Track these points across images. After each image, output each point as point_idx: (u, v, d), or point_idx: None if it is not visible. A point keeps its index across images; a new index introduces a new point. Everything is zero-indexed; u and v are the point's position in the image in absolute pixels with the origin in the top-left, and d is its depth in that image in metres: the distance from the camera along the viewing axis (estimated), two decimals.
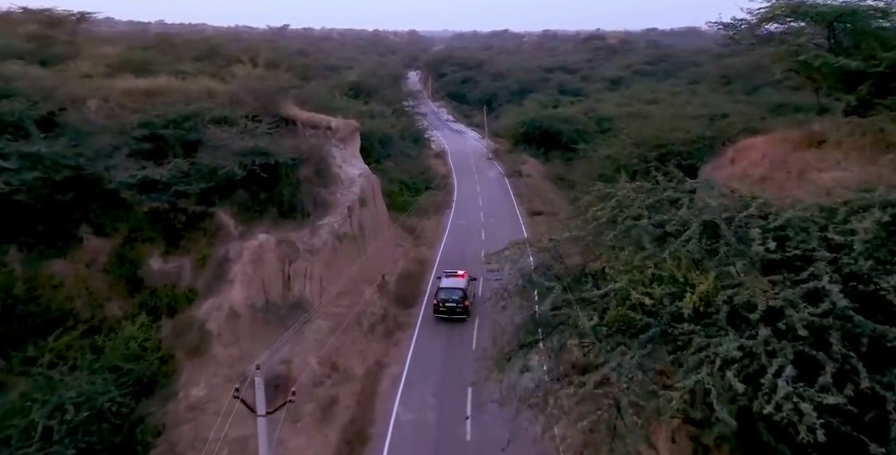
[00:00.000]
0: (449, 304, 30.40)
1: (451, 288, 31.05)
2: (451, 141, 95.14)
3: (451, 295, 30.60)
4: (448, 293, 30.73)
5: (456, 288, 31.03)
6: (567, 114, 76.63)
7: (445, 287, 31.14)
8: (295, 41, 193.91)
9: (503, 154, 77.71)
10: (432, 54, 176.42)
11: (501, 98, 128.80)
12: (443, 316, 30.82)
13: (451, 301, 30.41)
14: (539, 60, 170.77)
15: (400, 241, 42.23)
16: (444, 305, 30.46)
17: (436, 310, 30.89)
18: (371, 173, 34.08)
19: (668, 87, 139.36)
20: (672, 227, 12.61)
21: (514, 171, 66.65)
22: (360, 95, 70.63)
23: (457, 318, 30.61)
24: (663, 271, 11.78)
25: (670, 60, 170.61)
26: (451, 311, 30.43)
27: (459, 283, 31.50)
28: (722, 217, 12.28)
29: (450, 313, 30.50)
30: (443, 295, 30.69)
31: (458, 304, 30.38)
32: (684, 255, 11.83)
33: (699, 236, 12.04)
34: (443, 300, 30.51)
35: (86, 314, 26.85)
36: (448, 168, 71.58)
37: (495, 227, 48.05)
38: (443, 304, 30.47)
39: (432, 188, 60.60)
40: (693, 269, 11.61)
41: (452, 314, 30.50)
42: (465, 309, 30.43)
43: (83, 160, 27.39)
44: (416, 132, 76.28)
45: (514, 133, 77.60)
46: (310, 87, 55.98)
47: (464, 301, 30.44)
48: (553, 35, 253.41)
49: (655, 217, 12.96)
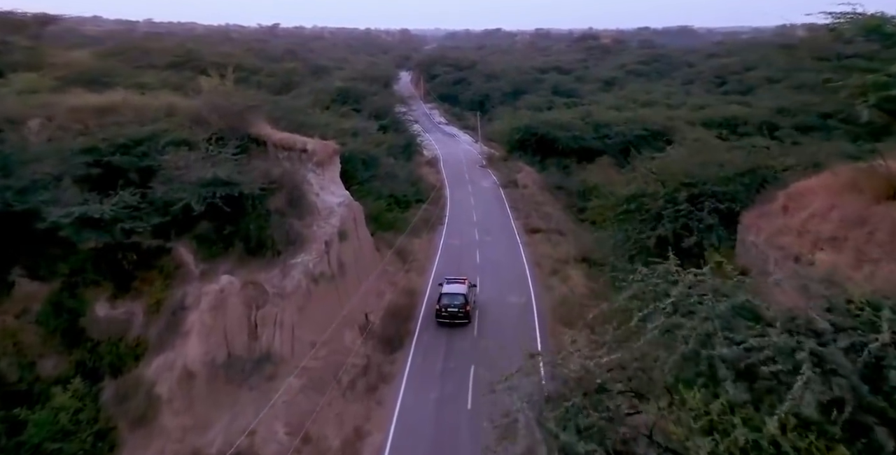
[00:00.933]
0: (451, 310, 31.03)
1: (453, 294, 31.66)
2: (443, 145, 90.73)
3: (453, 300, 31.25)
4: (450, 299, 31.34)
5: (458, 294, 31.67)
6: (563, 120, 72.28)
7: (448, 293, 31.72)
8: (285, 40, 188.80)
9: (497, 161, 73.39)
10: (424, 54, 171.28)
11: (495, 99, 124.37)
12: (444, 321, 31.31)
13: (453, 306, 31.06)
14: (532, 60, 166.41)
15: (388, 266, 38.11)
16: (447, 310, 31.08)
17: (438, 315, 31.41)
18: (353, 200, 29.61)
19: (663, 88, 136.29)
20: (762, 356, 8.43)
21: (510, 182, 62.35)
22: (349, 101, 66.23)
23: (458, 323, 31.25)
24: (761, 436, 7.59)
25: (663, 60, 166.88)
26: (452, 316, 31.08)
27: (461, 288, 32.20)
28: (840, 345, 8.12)
29: (451, 318, 31.12)
30: (445, 300, 31.30)
31: (460, 310, 31.07)
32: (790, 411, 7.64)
33: (810, 379, 7.84)
34: (445, 305, 31.16)
35: (12, 376, 22.51)
36: (440, 177, 67.21)
37: (491, 246, 43.87)
38: (445, 309, 31.11)
39: (423, 201, 56.36)
40: (809, 437, 7.42)
41: (455, 319, 31.12)
42: (466, 314, 31.20)
43: (10, 195, 22.95)
44: (408, 140, 71.93)
45: (509, 140, 73.22)
46: (290, 97, 51.76)
47: (465, 306, 31.19)
48: (546, 34, 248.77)
49: (736, 336, 8.75)
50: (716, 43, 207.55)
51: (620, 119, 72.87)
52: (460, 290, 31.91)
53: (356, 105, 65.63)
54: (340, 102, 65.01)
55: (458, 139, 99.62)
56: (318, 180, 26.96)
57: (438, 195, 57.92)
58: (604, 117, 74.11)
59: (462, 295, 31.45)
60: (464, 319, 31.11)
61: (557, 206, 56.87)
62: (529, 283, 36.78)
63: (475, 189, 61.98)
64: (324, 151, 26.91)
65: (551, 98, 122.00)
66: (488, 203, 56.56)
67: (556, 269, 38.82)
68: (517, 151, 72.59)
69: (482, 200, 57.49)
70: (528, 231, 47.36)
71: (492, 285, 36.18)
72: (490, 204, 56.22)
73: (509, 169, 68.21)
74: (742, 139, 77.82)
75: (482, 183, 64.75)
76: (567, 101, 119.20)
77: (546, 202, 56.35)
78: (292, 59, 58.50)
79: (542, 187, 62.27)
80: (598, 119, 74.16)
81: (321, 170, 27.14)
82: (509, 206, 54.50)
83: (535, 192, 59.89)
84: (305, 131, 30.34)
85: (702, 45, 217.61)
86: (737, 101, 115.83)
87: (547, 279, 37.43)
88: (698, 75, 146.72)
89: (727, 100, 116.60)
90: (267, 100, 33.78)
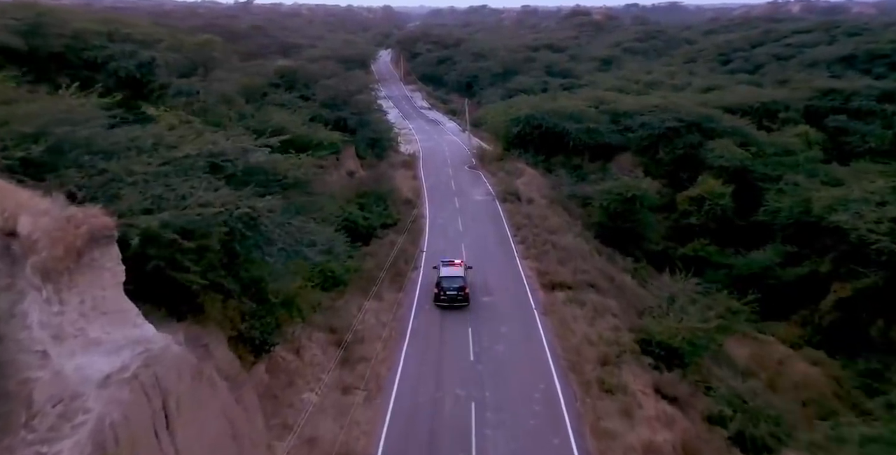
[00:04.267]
0: (450, 293, 27.42)
1: (452, 277, 28.03)
2: (425, 136, 72.22)
3: (451, 284, 27.63)
4: (449, 282, 27.73)
5: (456, 277, 28.06)
6: (572, 107, 54.03)
7: (446, 276, 28.12)
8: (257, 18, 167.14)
9: (490, 160, 55.21)
10: (405, 32, 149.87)
11: (483, 81, 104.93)
12: (443, 304, 27.32)
13: (451, 289, 27.43)
14: (522, 38, 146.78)
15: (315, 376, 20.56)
16: (446, 293, 27.45)
17: (436, 299, 27.63)
18: (172, 346, 11.00)
19: (664, 67, 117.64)
20: None
21: (509, 193, 44.22)
22: (297, 86, 47.45)
23: (458, 306, 27.16)
24: None
25: (661, 37, 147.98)
26: (452, 299, 27.39)
27: (458, 271, 28.60)
28: None
29: (451, 301, 27.37)
30: (444, 284, 27.69)
31: (459, 293, 27.42)
32: None
33: None
34: (444, 289, 27.53)
35: None
36: (418, 185, 48.98)
37: (491, 323, 25.92)
38: (444, 292, 27.48)
39: (394, 224, 38.32)
40: None
41: (454, 302, 27.34)
42: (465, 297, 27.55)
43: None
44: (378, 135, 53.44)
45: (506, 134, 54.93)
46: (196, 81, 33.11)
47: (464, 289, 27.58)
48: (533, 11, 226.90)
49: None
50: (711, 19, 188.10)
51: (644, 106, 54.67)
52: (458, 272, 28.49)
53: (306, 91, 46.89)
54: (286, 88, 46.34)
55: (443, 127, 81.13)
56: (54, 316, 9.21)
57: (414, 217, 39.82)
58: (623, 105, 55.80)
59: (461, 277, 28.11)
60: (463, 303, 27.51)
61: (577, 229, 39.09)
62: (567, 425, 19.06)
63: (464, 204, 43.75)
64: (61, 241, 9.12)
65: (545, 79, 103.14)
66: (482, 228, 38.34)
67: (607, 378, 21.19)
68: (515, 149, 54.47)
69: (474, 224, 39.19)
70: (544, 286, 29.44)
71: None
72: (485, 230, 37.99)
73: (507, 172, 50.10)
74: (784, 128, 60.57)
75: (473, 194, 46.49)
76: (563, 83, 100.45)
77: (562, 226, 38.35)
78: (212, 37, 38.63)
79: (552, 200, 44.31)
80: (616, 106, 55.90)
81: (63, 282, 9.38)
82: (512, 236, 36.34)
83: (543, 208, 41.89)
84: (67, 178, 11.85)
85: (696, 21, 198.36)
86: (746, 80, 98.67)
87: (596, 406, 19.79)
88: (699, 53, 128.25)
89: (735, 79, 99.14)
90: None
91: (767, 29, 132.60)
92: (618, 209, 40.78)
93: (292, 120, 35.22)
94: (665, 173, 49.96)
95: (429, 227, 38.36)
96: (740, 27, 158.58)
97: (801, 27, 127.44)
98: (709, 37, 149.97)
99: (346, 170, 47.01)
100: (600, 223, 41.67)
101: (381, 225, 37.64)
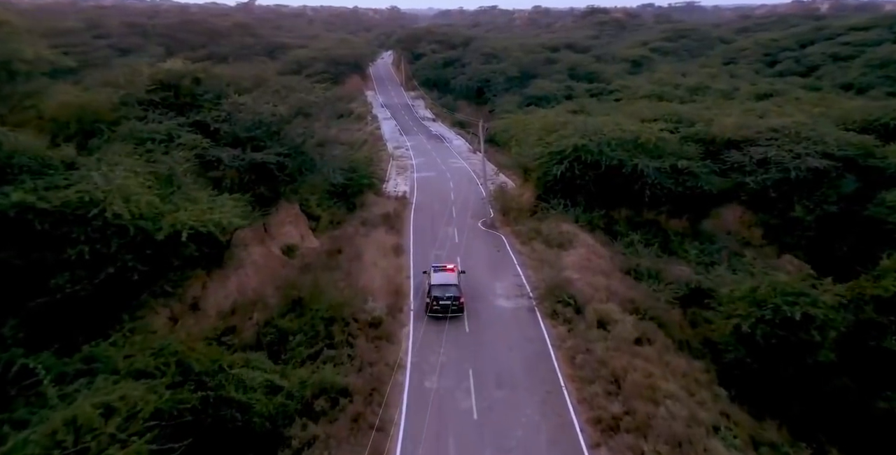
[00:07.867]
0: (443, 302, 22.40)
1: (445, 285, 22.94)
2: (424, 160, 51.28)
3: (444, 292, 22.62)
4: (442, 290, 22.71)
5: (449, 284, 22.97)
6: (645, 133, 32.65)
7: (438, 284, 22.99)
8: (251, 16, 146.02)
9: (518, 213, 34.10)
10: (407, 30, 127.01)
11: (496, 86, 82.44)
12: (437, 315, 22.30)
13: (445, 299, 22.46)
14: (537, 38, 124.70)
15: None
16: (439, 303, 22.43)
17: (429, 309, 22.62)
18: None
19: (701, 69, 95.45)
20: None
21: (558, 296, 23.29)
22: (189, 105, 26.28)
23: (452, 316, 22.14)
24: None
25: (692, 36, 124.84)
26: (445, 309, 22.42)
27: (451, 277, 23.40)
28: None
29: (444, 312, 22.39)
30: (436, 292, 22.65)
31: (454, 302, 22.50)
32: None
33: None
34: (436, 298, 22.48)
35: None
36: (402, 266, 28.05)
37: None
38: (437, 302, 22.43)
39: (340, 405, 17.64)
40: None
41: (447, 312, 22.35)
42: (460, 306, 22.63)
43: None
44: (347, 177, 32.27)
45: (543, 174, 33.74)
46: None
47: (459, 298, 22.59)
48: (545, 12, 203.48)
49: None
50: (742, 16, 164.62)
51: (757, 131, 33.29)
52: (451, 279, 23.13)
53: (210, 113, 25.69)
54: (166, 107, 25.10)
55: (449, 145, 60.18)
56: None
57: (393, 364, 18.93)
58: (721, 128, 34.30)
59: (454, 285, 22.84)
60: (458, 312, 22.39)
61: (705, 392, 18.06)
62: None
63: (479, 323, 22.73)
64: None
65: (569, 83, 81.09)
66: (516, 412, 17.52)
67: None
68: (555, 196, 33.32)
69: (502, 397, 18.36)
70: None
71: None
72: (525, 418, 17.15)
73: (546, 240, 29.04)
74: None
75: (494, 292, 25.03)
76: (590, 88, 78.80)
77: (677, 391, 17.44)
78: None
79: (637, 308, 23.19)
80: (708, 130, 34.53)
81: None
82: (580, 428, 15.49)
83: (628, 336, 20.84)
84: None
85: (717, 20, 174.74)
86: (801, 84, 76.79)
87: None
88: (740, 53, 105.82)
89: (787, 82, 77.38)
90: None
91: (818, 26, 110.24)
92: (772, 340, 19.80)
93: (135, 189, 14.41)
94: (806, 243, 28.76)
95: (406, 414, 17.27)
96: (776, 25, 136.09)
97: (858, 23, 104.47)
98: (744, 35, 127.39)
99: (282, 244, 26.23)
100: (737, 361, 20.67)
101: (310, 414, 16.75)
